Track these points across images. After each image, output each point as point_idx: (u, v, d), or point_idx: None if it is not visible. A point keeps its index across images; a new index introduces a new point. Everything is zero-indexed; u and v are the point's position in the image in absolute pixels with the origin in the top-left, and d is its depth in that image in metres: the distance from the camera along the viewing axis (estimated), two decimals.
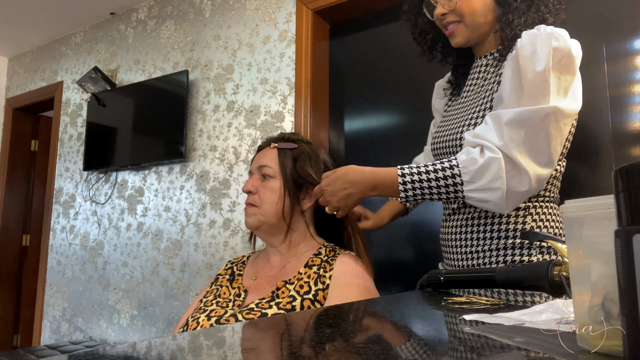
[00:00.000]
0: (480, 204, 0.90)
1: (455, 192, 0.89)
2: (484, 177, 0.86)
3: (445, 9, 1.02)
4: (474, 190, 0.87)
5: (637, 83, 1.44)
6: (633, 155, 1.42)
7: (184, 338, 0.43)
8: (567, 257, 0.62)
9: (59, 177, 3.21)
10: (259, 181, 1.12)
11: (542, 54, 0.87)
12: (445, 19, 1.03)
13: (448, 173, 0.89)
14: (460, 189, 0.88)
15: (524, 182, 0.86)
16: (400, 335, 0.46)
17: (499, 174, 0.85)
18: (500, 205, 0.87)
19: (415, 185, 0.91)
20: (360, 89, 2.09)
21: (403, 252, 1.88)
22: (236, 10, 2.40)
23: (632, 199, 0.29)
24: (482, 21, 1.01)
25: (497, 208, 0.89)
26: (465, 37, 1.03)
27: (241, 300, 1.05)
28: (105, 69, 2.96)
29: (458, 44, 1.05)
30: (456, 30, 1.03)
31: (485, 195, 0.87)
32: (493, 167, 0.85)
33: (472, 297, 0.72)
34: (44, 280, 3.16)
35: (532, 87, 0.87)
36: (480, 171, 0.86)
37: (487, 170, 0.86)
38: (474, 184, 0.87)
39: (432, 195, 0.91)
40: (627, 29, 1.46)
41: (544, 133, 0.86)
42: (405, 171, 0.92)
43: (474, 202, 0.90)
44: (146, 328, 2.53)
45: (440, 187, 0.89)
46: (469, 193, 0.88)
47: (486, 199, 0.87)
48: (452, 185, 0.89)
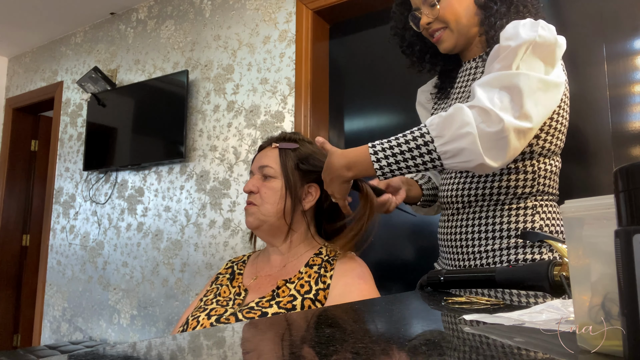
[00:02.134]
0: (457, 162, 0.85)
1: (430, 153, 0.85)
2: (451, 126, 0.83)
3: (430, 18, 1.05)
4: (445, 144, 0.83)
5: (637, 83, 1.44)
6: (633, 155, 1.42)
7: (184, 338, 0.43)
8: (567, 257, 0.62)
9: (59, 177, 3.21)
10: (260, 181, 1.12)
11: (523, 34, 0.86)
12: (431, 27, 1.06)
13: (417, 134, 0.86)
14: (433, 147, 0.85)
15: (493, 122, 0.81)
16: (400, 335, 0.46)
17: (465, 120, 0.82)
18: (476, 150, 0.82)
19: (387, 154, 0.88)
20: (360, 89, 2.09)
21: (403, 252, 1.88)
22: (236, 10, 2.40)
23: (632, 199, 0.29)
24: (466, 25, 1.04)
25: (475, 157, 0.82)
26: (452, 42, 1.06)
27: (241, 299, 1.05)
28: (105, 69, 2.96)
29: (446, 50, 1.08)
30: (443, 36, 1.06)
31: (457, 144, 0.82)
32: (458, 114, 0.83)
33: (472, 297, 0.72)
34: (44, 280, 3.16)
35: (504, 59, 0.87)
36: (446, 121, 0.84)
37: (453, 119, 0.83)
38: (443, 138, 0.84)
39: (407, 163, 0.87)
40: (627, 29, 1.46)
41: (516, 90, 0.83)
42: (376, 144, 0.90)
43: (450, 159, 0.85)
44: (146, 328, 2.53)
45: (412, 151, 0.86)
46: (441, 147, 0.84)
47: (459, 147, 0.82)
48: (424, 145, 0.85)
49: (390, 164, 0.88)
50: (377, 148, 0.89)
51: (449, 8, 1.03)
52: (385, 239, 1.91)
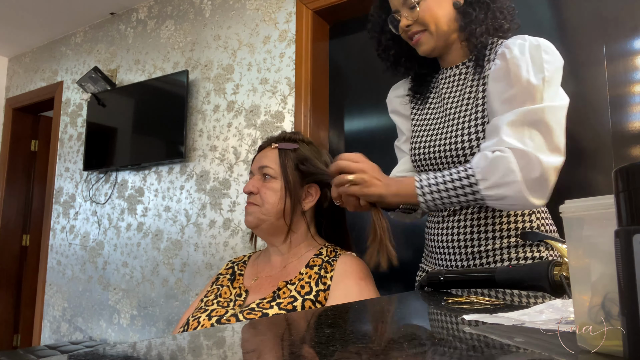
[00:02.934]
0: (501, 203, 0.90)
1: (474, 194, 0.90)
2: (496, 173, 0.87)
3: (409, 20, 1.05)
4: (490, 188, 0.88)
5: (637, 83, 1.44)
6: (633, 155, 1.42)
7: (184, 338, 0.43)
8: (567, 257, 0.62)
9: (59, 177, 3.21)
10: (260, 182, 1.12)
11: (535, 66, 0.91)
12: (410, 30, 1.07)
13: (463, 174, 0.90)
14: (477, 189, 0.89)
15: (535, 167, 0.86)
16: (400, 335, 0.46)
17: (510, 167, 0.86)
18: (521, 197, 0.87)
19: (432, 189, 0.92)
20: (360, 89, 2.09)
21: (403, 252, 1.88)
22: (236, 10, 2.40)
23: (632, 199, 0.29)
24: (445, 29, 1.05)
25: (520, 201, 0.88)
26: (431, 45, 1.06)
27: (242, 300, 1.05)
28: (105, 69, 2.96)
29: (425, 52, 1.08)
30: (421, 39, 1.06)
31: (502, 191, 0.87)
32: (503, 162, 0.87)
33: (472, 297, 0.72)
34: (44, 280, 3.16)
35: (525, 94, 0.90)
36: (491, 167, 0.88)
37: (498, 166, 0.87)
38: (488, 181, 0.88)
39: (451, 200, 0.91)
40: (627, 29, 1.46)
41: (544, 125, 0.88)
42: (422, 179, 0.94)
43: (494, 201, 0.90)
44: (146, 328, 2.53)
45: (457, 189, 0.90)
46: (486, 192, 0.88)
47: (504, 194, 0.87)
48: (469, 187, 0.89)
49: (434, 199, 0.92)
50: (424, 183, 0.93)
51: (428, 11, 1.03)
52: None
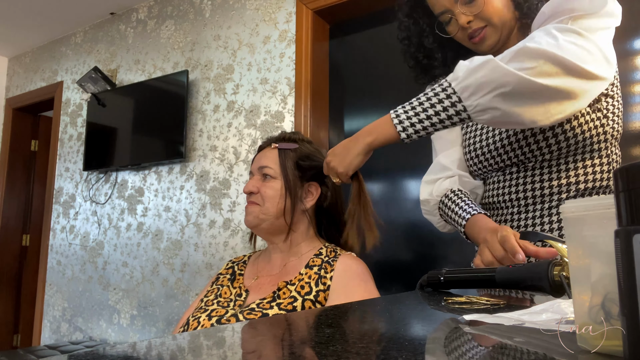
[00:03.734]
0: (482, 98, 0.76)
1: (449, 97, 0.78)
2: (466, 65, 0.77)
3: (469, 16, 0.94)
4: (463, 80, 0.76)
5: (637, 83, 1.44)
6: (633, 155, 1.42)
7: (184, 338, 0.43)
8: (567, 257, 0.62)
9: (59, 177, 3.21)
10: (260, 182, 1.12)
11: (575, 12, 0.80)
12: (471, 27, 0.95)
13: (435, 85, 0.81)
14: (451, 90, 0.78)
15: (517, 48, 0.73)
16: (400, 335, 0.46)
17: (484, 57, 0.76)
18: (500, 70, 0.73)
19: (407, 109, 0.83)
20: (360, 89, 2.09)
21: (403, 252, 1.88)
22: (236, 10, 2.40)
23: (632, 199, 0.29)
24: (508, 19, 0.94)
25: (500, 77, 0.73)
26: (497, 38, 0.95)
27: (242, 300, 1.05)
28: (105, 69, 2.96)
29: (490, 46, 0.97)
30: (486, 34, 0.95)
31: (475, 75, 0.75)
32: (475, 57, 0.77)
33: (472, 297, 0.72)
34: (44, 280, 3.16)
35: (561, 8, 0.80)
36: (463, 64, 0.78)
37: (470, 61, 0.77)
38: (459, 77, 0.77)
39: (428, 113, 0.80)
40: (627, 29, 1.46)
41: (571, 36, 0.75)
42: (398, 108, 0.86)
43: (472, 97, 0.77)
44: (146, 328, 2.53)
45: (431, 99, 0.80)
46: (460, 85, 0.77)
47: (479, 77, 0.75)
48: (443, 91, 0.79)
49: (411, 118, 0.81)
50: (399, 111, 0.84)
51: (489, 4, 0.92)
52: (385, 239, 1.91)
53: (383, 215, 1.93)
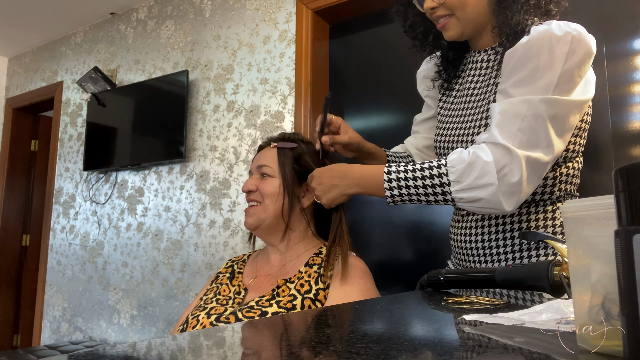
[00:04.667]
0: (473, 206, 0.84)
1: (444, 194, 0.85)
2: (471, 175, 0.82)
3: (434, 3, 0.95)
4: (462, 190, 0.83)
5: (637, 83, 1.44)
6: (633, 155, 1.42)
7: (184, 338, 0.43)
8: (567, 257, 0.62)
9: (59, 177, 3.21)
10: (258, 180, 1.12)
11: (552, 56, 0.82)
12: (435, 13, 0.97)
13: (435, 172, 0.85)
14: (448, 189, 0.84)
15: (515, 170, 0.80)
16: (400, 335, 0.46)
17: (486, 169, 0.81)
18: (495, 201, 0.81)
19: (401, 183, 0.87)
20: (360, 89, 2.09)
21: (403, 252, 1.88)
22: (236, 10, 2.40)
23: (632, 199, 0.29)
24: (474, 14, 0.95)
25: (494, 206, 0.82)
26: (458, 31, 0.97)
27: (241, 298, 1.05)
28: (105, 69, 2.96)
29: (451, 38, 0.99)
30: (448, 24, 0.97)
31: (475, 193, 0.82)
32: (479, 163, 0.81)
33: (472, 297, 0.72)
34: (44, 280, 3.16)
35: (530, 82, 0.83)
36: (467, 169, 0.82)
37: (475, 167, 0.82)
38: (461, 184, 0.83)
39: (419, 197, 0.87)
40: (627, 29, 1.46)
41: (540, 120, 0.81)
42: (392, 170, 0.89)
43: (466, 204, 0.85)
44: (146, 328, 2.53)
45: (427, 188, 0.86)
46: (457, 194, 0.83)
47: (476, 197, 0.82)
48: (439, 186, 0.85)
49: (402, 193, 0.88)
50: (393, 176, 0.88)
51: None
52: (385, 239, 1.91)
53: (383, 215, 1.94)
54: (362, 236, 1.94)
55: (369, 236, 1.93)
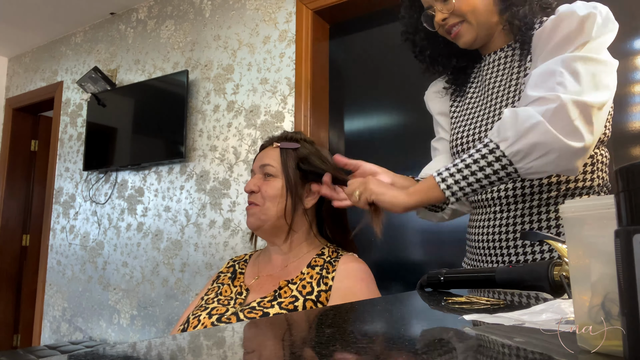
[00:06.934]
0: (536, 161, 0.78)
1: (499, 160, 0.80)
2: (513, 125, 0.79)
3: (445, 13, 0.98)
4: (513, 144, 0.78)
5: (637, 83, 1.44)
6: (633, 155, 1.42)
7: (184, 338, 0.43)
8: (567, 257, 0.62)
9: (59, 177, 3.21)
10: (261, 180, 1.12)
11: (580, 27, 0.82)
12: (447, 23, 1.00)
13: (480, 146, 0.83)
14: (500, 152, 0.79)
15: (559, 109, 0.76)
16: (400, 335, 0.46)
17: (529, 113, 0.77)
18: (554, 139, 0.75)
19: (452, 172, 0.84)
20: (360, 89, 2.09)
21: (403, 252, 1.88)
22: (236, 10, 2.40)
23: (632, 199, 0.29)
24: (485, 16, 0.97)
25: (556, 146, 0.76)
26: (473, 35, 0.99)
27: (242, 299, 1.05)
28: (105, 69, 2.96)
29: (466, 44, 1.01)
30: (461, 31, 0.99)
31: (527, 139, 0.77)
32: (520, 113, 0.79)
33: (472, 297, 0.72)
34: (44, 280, 3.16)
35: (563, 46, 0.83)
36: (506, 124, 0.80)
37: (514, 119, 0.79)
38: (508, 138, 0.79)
39: (477, 176, 0.82)
40: (627, 29, 1.46)
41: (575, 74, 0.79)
42: (441, 170, 0.86)
43: (524, 160, 0.79)
44: (146, 328, 2.53)
45: (479, 162, 0.82)
46: (510, 149, 0.78)
47: (532, 142, 0.77)
48: (490, 154, 0.80)
49: (459, 182, 0.83)
50: (444, 175, 0.85)
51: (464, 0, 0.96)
52: (386, 239, 1.91)
53: (383, 215, 1.93)
54: (362, 236, 1.93)
55: (369, 236, 1.93)
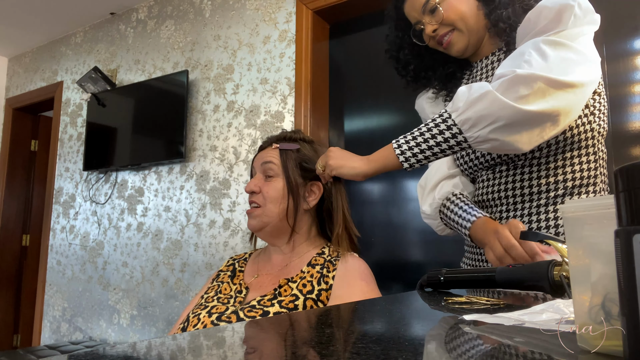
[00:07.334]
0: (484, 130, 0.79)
1: (450, 129, 0.82)
2: (464, 95, 0.81)
3: (434, 25, 1.01)
4: (462, 113, 0.80)
5: (637, 83, 1.44)
6: (633, 155, 1.42)
7: (184, 338, 0.43)
8: (567, 257, 0.62)
9: (59, 177, 3.21)
10: (262, 181, 1.12)
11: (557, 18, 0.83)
12: (438, 34, 1.02)
13: (436, 117, 0.85)
14: (451, 121, 0.82)
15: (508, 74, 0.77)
16: (400, 335, 0.46)
17: (480, 85, 0.80)
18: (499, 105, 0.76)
19: (408, 139, 0.88)
20: (360, 89, 2.09)
21: (403, 252, 1.88)
22: (236, 10, 2.40)
23: (632, 199, 0.29)
24: (474, 21, 1.00)
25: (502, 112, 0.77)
26: (464, 42, 1.01)
27: (242, 297, 1.05)
28: (105, 69, 2.96)
29: (459, 51, 1.03)
30: (453, 39, 1.02)
31: (475, 108, 0.79)
32: (474, 85, 0.82)
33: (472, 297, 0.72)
34: (44, 280, 3.16)
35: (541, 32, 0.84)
36: (460, 94, 0.82)
37: (467, 89, 0.82)
38: (459, 109, 0.81)
39: (429, 143, 0.85)
40: (627, 29, 1.46)
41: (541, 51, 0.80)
42: (399, 138, 0.90)
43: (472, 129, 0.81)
44: (146, 328, 2.53)
45: (432, 130, 0.84)
46: (459, 118, 0.81)
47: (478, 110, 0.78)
48: (443, 122, 0.83)
49: (412, 148, 0.86)
50: (401, 141, 0.89)
51: (451, 9, 0.99)
52: (385, 239, 1.91)
53: (383, 215, 1.94)
54: (362, 236, 1.93)
55: (369, 236, 1.93)
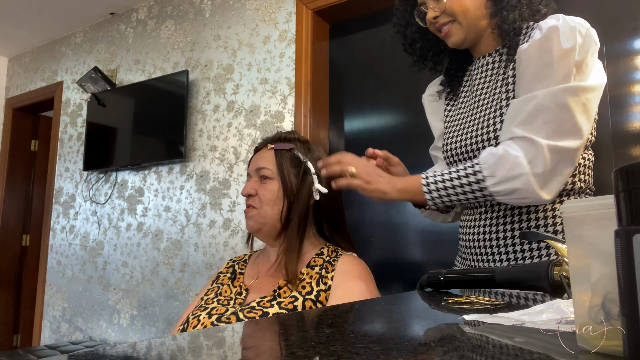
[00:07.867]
0: (511, 198, 0.88)
1: (481, 191, 0.89)
2: (503, 167, 0.86)
3: (437, 12, 1.01)
4: (498, 183, 0.87)
5: (637, 83, 1.44)
6: (633, 155, 1.42)
7: (184, 338, 0.43)
8: (567, 257, 0.62)
9: (59, 177, 3.21)
10: (258, 183, 1.12)
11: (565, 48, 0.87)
12: (438, 22, 1.02)
13: (470, 171, 0.90)
14: (484, 185, 0.88)
15: (543, 159, 0.85)
16: (400, 335, 0.46)
17: (517, 161, 0.85)
18: (531, 190, 0.86)
19: (439, 186, 0.92)
20: (360, 89, 2.09)
21: (403, 252, 1.88)
22: (236, 10, 2.40)
23: (632, 199, 0.29)
24: (475, 18, 1.00)
25: (531, 195, 0.86)
26: (462, 36, 1.02)
27: (242, 299, 1.05)
28: (105, 69, 2.96)
29: (455, 44, 1.04)
30: (451, 30, 1.02)
31: (510, 185, 0.86)
32: (510, 156, 0.86)
33: (472, 297, 0.72)
34: (43, 280, 3.16)
35: (549, 75, 0.87)
36: (499, 163, 0.87)
37: (505, 160, 0.86)
38: (495, 177, 0.87)
39: (458, 197, 0.92)
40: (627, 29, 1.46)
41: (565, 109, 0.85)
42: (429, 175, 0.94)
43: (503, 197, 0.89)
44: (146, 328, 2.53)
45: (464, 187, 0.90)
46: (494, 187, 0.88)
47: (512, 188, 0.86)
48: (476, 183, 0.89)
49: (441, 195, 0.93)
50: (430, 180, 0.93)
51: (456, 1, 0.99)
52: (385, 239, 1.91)
53: (383, 215, 1.94)
54: (362, 236, 1.94)
55: (369, 236, 1.93)
